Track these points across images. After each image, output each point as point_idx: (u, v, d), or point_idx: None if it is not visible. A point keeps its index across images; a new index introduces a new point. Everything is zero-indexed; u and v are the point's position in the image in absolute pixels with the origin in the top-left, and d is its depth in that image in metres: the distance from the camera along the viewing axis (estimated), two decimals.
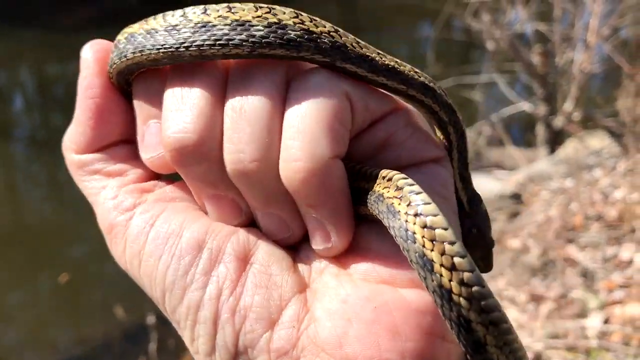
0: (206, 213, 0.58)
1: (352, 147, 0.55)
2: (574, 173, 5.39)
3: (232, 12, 0.52)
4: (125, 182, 0.61)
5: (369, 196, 0.52)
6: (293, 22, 0.51)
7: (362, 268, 0.54)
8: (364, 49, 0.55)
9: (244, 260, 0.55)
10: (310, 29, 0.52)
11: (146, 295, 0.60)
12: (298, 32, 0.51)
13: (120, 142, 0.62)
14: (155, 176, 0.62)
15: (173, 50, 0.53)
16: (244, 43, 0.51)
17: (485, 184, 5.92)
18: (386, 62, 0.56)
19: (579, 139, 6.41)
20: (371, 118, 0.56)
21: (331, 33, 0.53)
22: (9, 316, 6.24)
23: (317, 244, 0.55)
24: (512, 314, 3.66)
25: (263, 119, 0.52)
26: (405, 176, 0.51)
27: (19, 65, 12.88)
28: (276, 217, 0.55)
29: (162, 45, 0.54)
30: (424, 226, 0.46)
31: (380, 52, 0.57)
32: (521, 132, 9.11)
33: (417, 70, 0.57)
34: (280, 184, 0.53)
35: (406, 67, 0.58)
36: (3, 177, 9.39)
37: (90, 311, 6.38)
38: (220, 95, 0.54)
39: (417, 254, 0.46)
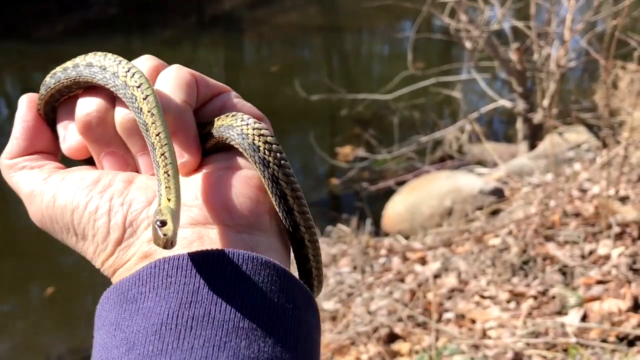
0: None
1: (202, 113, 0.82)
2: (554, 168, 5.47)
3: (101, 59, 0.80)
4: (43, 169, 0.83)
5: (215, 130, 0.78)
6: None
7: (210, 166, 0.80)
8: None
9: (129, 182, 0.78)
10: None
11: None
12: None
13: (43, 153, 0.86)
14: None
15: (74, 78, 0.81)
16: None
17: (466, 181, 6.00)
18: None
19: (558, 133, 6.50)
20: (212, 93, 0.82)
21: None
22: (0, 326, 6.25)
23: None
24: (494, 313, 3.73)
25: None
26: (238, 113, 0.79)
27: (2, 76, 12.80)
28: (146, 156, 0.80)
29: (69, 76, 0.82)
30: (254, 128, 0.76)
31: None
32: (502, 128, 9.20)
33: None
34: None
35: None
36: None
37: (82, 320, 6.39)
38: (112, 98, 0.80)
39: (250, 145, 0.75)
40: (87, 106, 0.80)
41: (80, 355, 5.74)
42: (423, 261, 4.59)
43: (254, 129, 0.76)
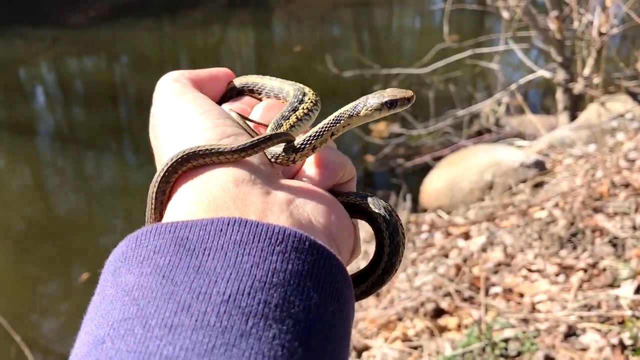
0: None
1: (339, 187, 0.86)
2: (597, 138, 5.34)
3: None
4: (204, 97, 0.86)
5: (341, 191, 0.86)
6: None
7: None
8: None
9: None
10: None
11: None
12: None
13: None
14: None
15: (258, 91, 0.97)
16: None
17: (506, 154, 5.90)
18: None
19: (600, 103, 6.33)
20: (349, 177, 0.88)
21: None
22: (45, 307, 6.41)
23: (318, 167, 0.86)
24: (543, 286, 3.68)
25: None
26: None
27: (38, 63, 12.98)
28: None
29: (259, 89, 0.96)
30: (380, 199, 0.85)
31: None
32: (538, 99, 9.02)
33: None
34: None
35: None
36: (30, 173, 9.54)
37: None
38: None
39: (384, 208, 0.84)
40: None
41: None
42: (466, 236, 4.54)
43: (381, 199, 0.86)
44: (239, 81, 0.95)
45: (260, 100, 0.95)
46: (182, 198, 0.69)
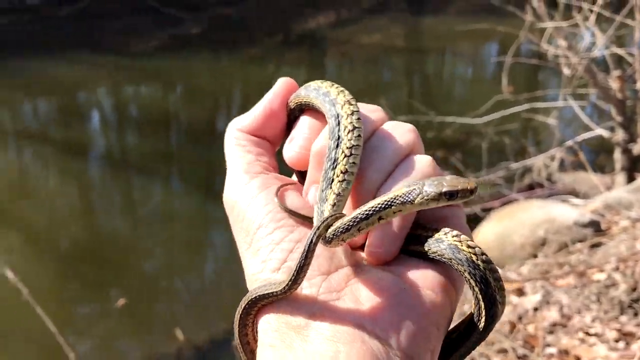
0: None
1: (425, 213, 0.81)
2: None
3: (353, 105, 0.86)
4: (259, 162, 0.86)
5: (427, 240, 0.78)
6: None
7: (402, 269, 0.78)
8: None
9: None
10: None
11: (215, 311, 0.75)
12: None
13: (265, 139, 0.89)
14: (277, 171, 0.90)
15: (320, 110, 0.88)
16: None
17: (561, 211, 5.80)
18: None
19: None
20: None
21: None
22: (81, 328, 6.45)
23: (371, 246, 0.79)
24: (602, 351, 3.57)
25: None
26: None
27: (96, 88, 13.39)
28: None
29: (322, 107, 0.87)
30: (468, 246, 0.76)
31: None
32: (592, 156, 8.89)
33: None
34: None
35: None
36: (79, 194, 9.75)
37: (160, 326, 6.52)
38: None
39: (467, 260, 0.75)
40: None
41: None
42: (520, 292, 4.46)
43: (468, 246, 0.75)
44: (293, 102, 0.92)
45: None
46: (265, 341, 0.75)
